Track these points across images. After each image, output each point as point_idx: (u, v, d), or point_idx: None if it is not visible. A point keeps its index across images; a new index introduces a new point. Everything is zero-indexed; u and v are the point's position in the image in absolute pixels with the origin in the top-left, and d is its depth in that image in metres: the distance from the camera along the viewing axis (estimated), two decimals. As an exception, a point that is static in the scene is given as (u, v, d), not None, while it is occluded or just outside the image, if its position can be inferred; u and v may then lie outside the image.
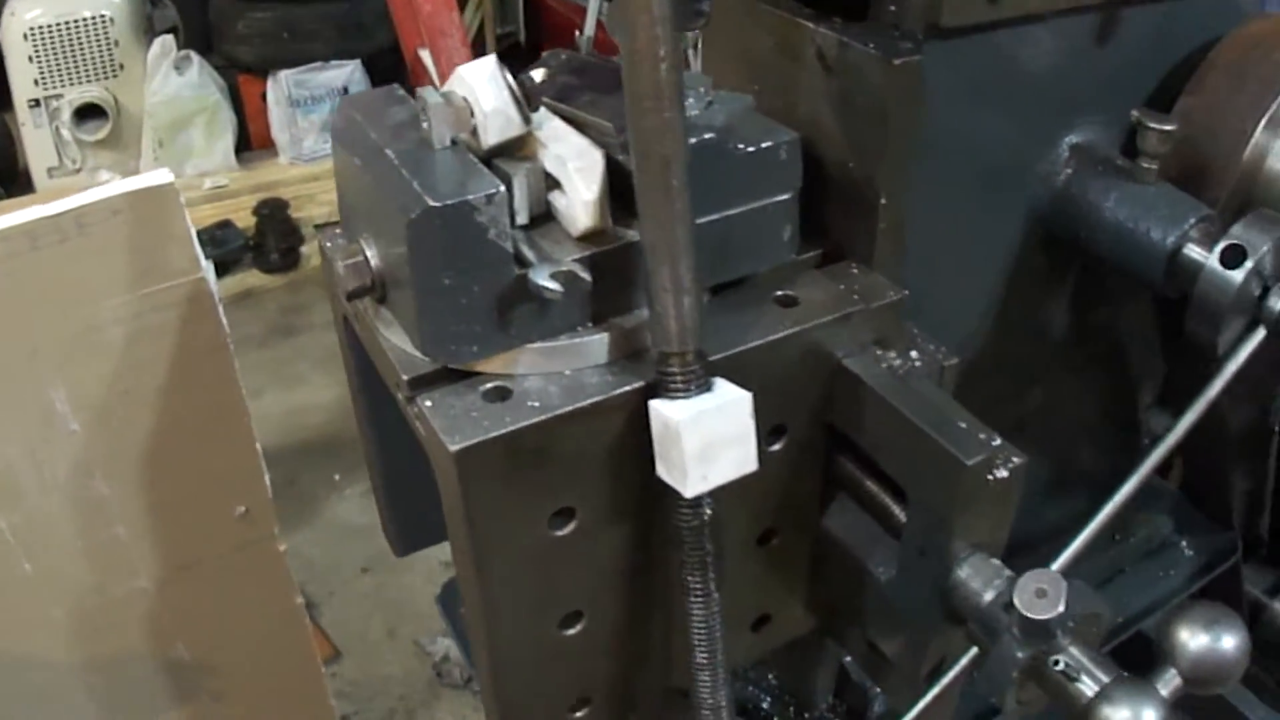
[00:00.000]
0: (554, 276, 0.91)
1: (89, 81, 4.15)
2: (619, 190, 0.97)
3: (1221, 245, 1.12)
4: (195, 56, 4.17)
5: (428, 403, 0.95)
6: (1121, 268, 1.22)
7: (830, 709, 1.50)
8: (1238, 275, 1.11)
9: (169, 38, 4.18)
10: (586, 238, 0.98)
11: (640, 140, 0.87)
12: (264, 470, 1.65)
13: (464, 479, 0.92)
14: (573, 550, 1.01)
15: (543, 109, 1.02)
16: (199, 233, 4.02)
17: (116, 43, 4.14)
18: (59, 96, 4.11)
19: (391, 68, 4.38)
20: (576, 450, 0.96)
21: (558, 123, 1.01)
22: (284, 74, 4.33)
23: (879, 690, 1.42)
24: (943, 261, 1.22)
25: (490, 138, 0.97)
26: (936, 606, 1.06)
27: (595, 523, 1.01)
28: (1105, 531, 1.73)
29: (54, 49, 4.06)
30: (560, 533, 1.00)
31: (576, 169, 0.95)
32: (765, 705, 1.51)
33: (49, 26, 4.09)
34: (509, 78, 0.97)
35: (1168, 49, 1.28)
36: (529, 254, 0.95)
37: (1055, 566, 1.15)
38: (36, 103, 4.10)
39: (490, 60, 0.97)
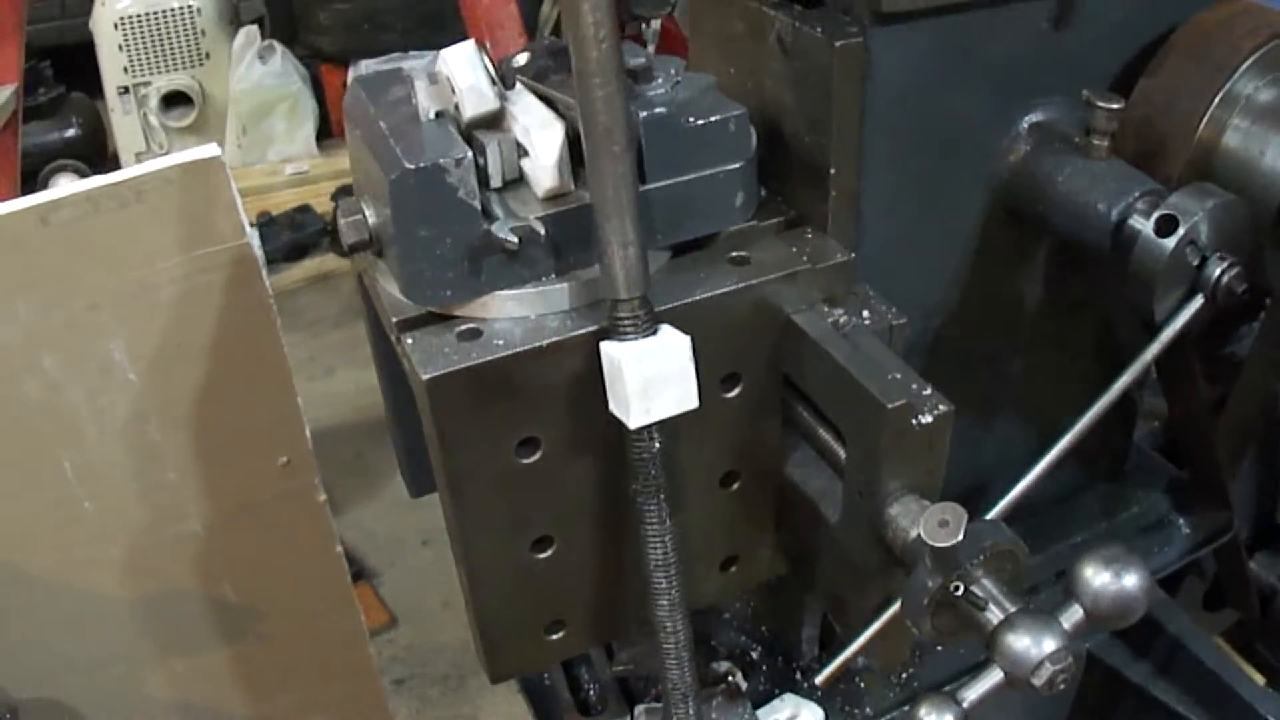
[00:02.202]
0: (513, 230, 1.04)
1: (176, 70, 4.34)
2: (583, 157, 1.08)
3: (1156, 214, 1.19)
4: (279, 46, 4.34)
5: (409, 340, 1.09)
6: (1074, 239, 1.29)
7: (816, 659, 1.59)
8: (1169, 243, 1.18)
9: (254, 28, 4.36)
10: (551, 199, 1.10)
11: (586, 111, 0.99)
12: (305, 424, 1.78)
13: (435, 406, 1.05)
14: (539, 477, 1.14)
15: (520, 87, 1.14)
16: (279, 217, 4.22)
17: (203, 32, 4.33)
18: (147, 84, 4.32)
19: (467, 59, 4.51)
20: (538, 385, 1.08)
21: (530, 99, 1.13)
22: (364, 63, 4.44)
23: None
24: (905, 231, 1.31)
25: (467, 111, 1.10)
26: (875, 545, 1.16)
27: (559, 453, 1.13)
28: (1099, 508, 1.81)
29: (143, 38, 4.26)
30: (527, 460, 1.12)
31: (539, 137, 1.07)
32: (755, 655, 1.61)
33: (139, 16, 4.30)
34: (486, 60, 1.10)
35: (1132, 33, 1.35)
36: (498, 211, 1.08)
37: (993, 513, 1.23)
38: (125, 90, 4.30)
39: (469, 44, 1.10)
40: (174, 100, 4.43)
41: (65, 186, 1.53)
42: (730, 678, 1.50)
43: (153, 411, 1.68)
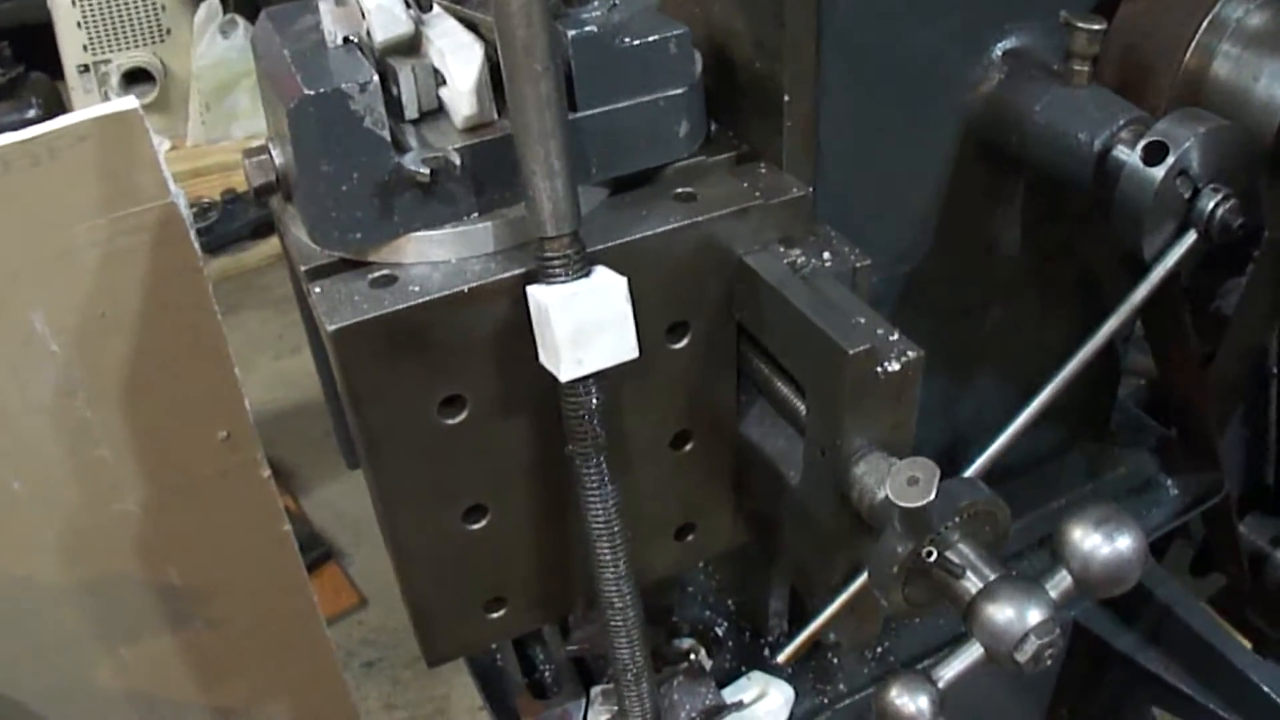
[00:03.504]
0: (425, 161, 0.93)
1: (137, 47, 4.24)
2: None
3: (1143, 141, 1.09)
4: (241, 21, 4.24)
5: (317, 289, 0.98)
6: (1053, 173, 1.19)
7: (785, 634, 1.50)
8: (1158, 172, 1.08)
9: (214, 2, 4.25)
10: (471, 130, 0.99)
11: (503, 25, 0.88)
12: (244, 395, 1.69)
13: (345, 360, 0.95)
14: (467, 439, 1.03)
15: (438, 9, 1.04)
16: (243, 194, 4.10)
17: (163, 8, 4.23)
18: (107, 62, 4.21)
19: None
20: (460, 336, 0.98)
21: (450, 21, 1.03)
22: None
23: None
24: (869, 169, 1.20)
25: (378, 35, 0.99)
26: (840, 508, 1.06)
27: (487, 412, 1.03)
28: (1084, 468, 1.72)
29: (102, 15, 4.16)
30: (451, 421, 1.02)
31: (455, 60, 0.97)
32: (720, 631, 1.51)
33: (97, -8, 4.18)
34: (400, -22, 0.99)
35: (1112, -47, 1.25)
36: (413, 144, 0.97)
37: (970, 471, 1.14)
38: (86, 68, 4.20)
39: (379, -39, 0.99)
40: (135, 78, 4.33)
41: (-32, 148, 1.43)
42: (693, 655, 1.41)
43: (80, 385, 1.59)
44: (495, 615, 1.17)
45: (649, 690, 1.16)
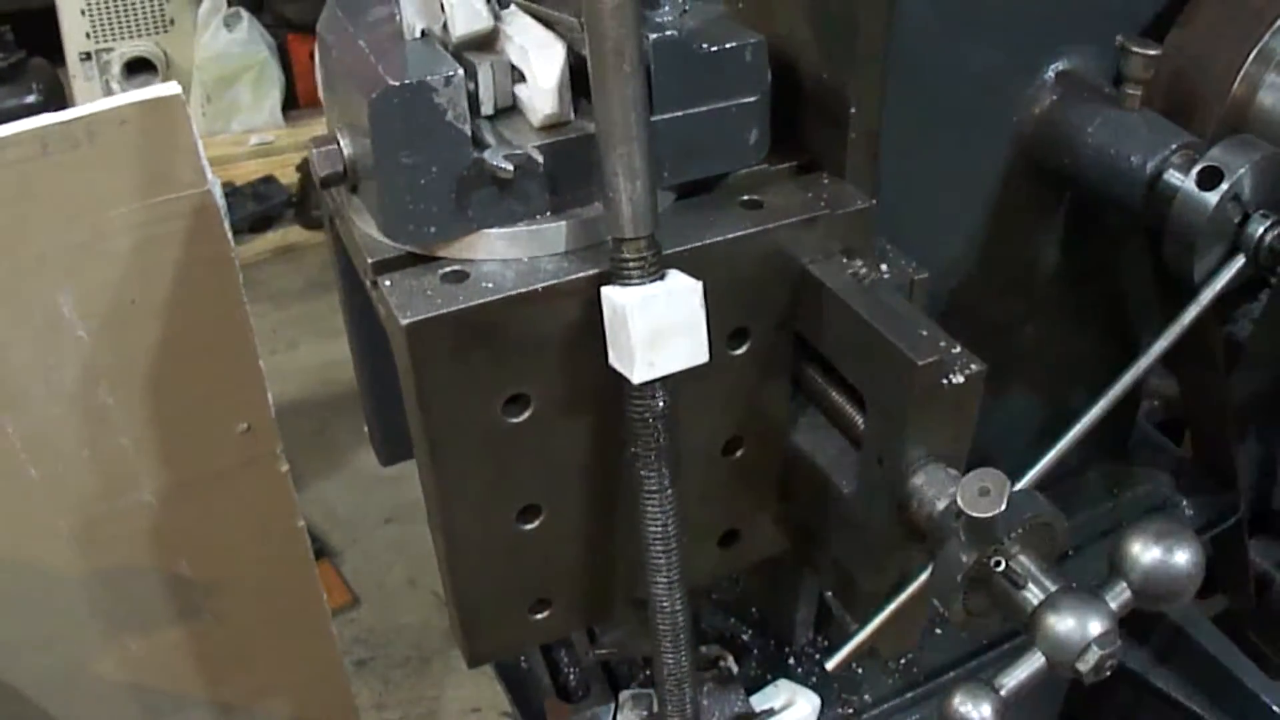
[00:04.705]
0: (508, 157, 0.93)
1: (140, 36, 4.22)
2: (584, 87, 0.98)
3: (1198, 167, 1.11)
4: (245, 14, 4.23)
5: (387, 282, 0.98)
6: (1103, 194, 1.21)
7: (810, 643, 1.50)
8: (1213, 197, 1.10)
9: (220, -7, 4.25)
10: (548, 128, 0.99)
11: (593, 24, 0.88)
12: (267, 388, 1.68)
13: (415, 355, 0.94)
14: (528, 439, 1.03)
15: (514, 7, 1.04)
16: (243, 188, 4.11)
17: (168, -2, 4.23)
18: (110, 50, 4.19)
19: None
20: (529, 335, 0.98)
21: (526, 19, 1.03)
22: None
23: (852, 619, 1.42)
24: (923, 181, 1.22)
25: (458, 29, 0.99)
26: (894, 517, 1.06)
27: (550, 412, 1.03)
28: (1103, 486, 1.73)
29: (106, 3, 4.14)
30: (515, 420, 1.02)
31: (537, 58, 0.97)
32: (746, 638, 1.52)
33: (101, -20, 4.16)
34: (480, -27, 0.99)
35: (1164, -20, 1.27)
36: (490, 140, 0.97)
37: (1023, 484, 1.14)
38: (88, 56, 4.18)
39: (460, -46, 0.99)
40: (137, 67, 4.31)
41: (10, 125, 1.42)
42: (721, 662, 1.41)
43: (104, 372, 1.57)
44: (539, 616, 1.16)
45: (691, 697, 1.16)
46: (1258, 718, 1.59)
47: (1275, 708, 1.59)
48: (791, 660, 1.48)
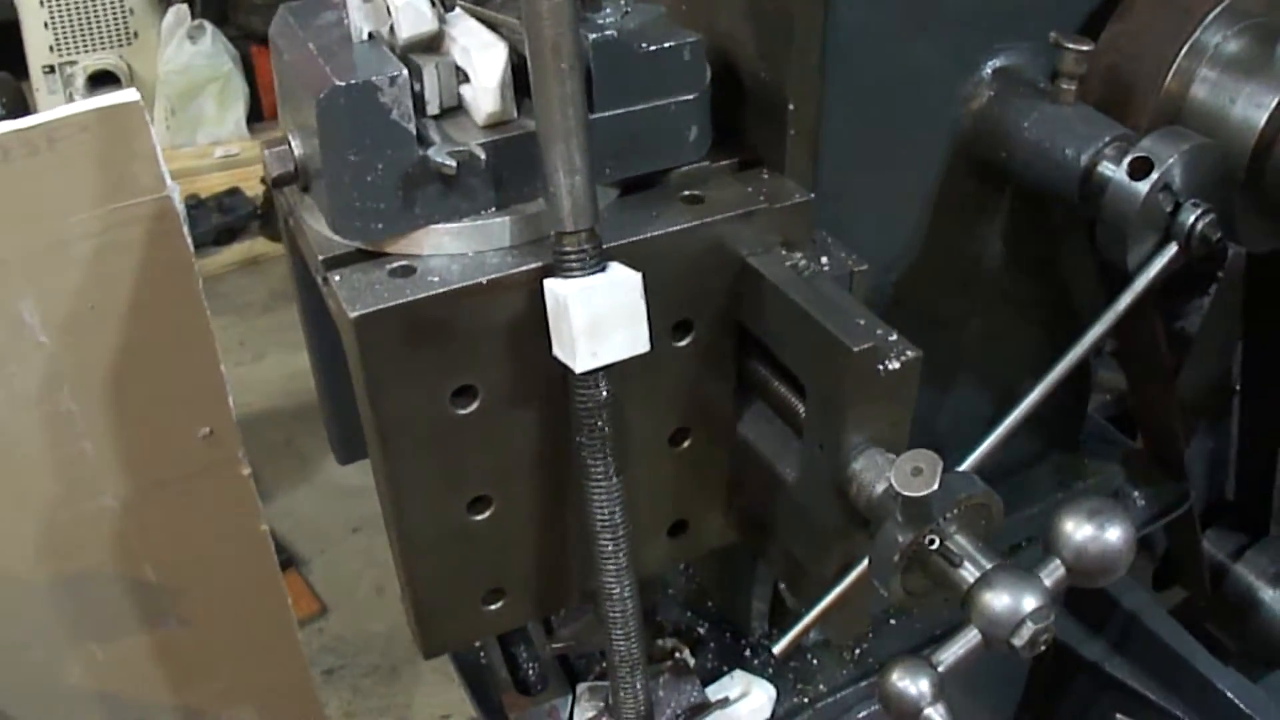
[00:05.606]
0: (451, 154, 0.96)
1: (103, 49, 4.23)
2: (527, 85, 1.00)
3: (1129, 157, 1.14)
4: (209, 26, 4.24)
5: (337, 278, 1.00)
6: (1041, 187, 1.24)
7: (766, 635, 1.52)
8: (1143, 186, 1.13)
9: (183, 7, 4.25)
10: (492, 126, 1.02)
11: (532, 24, 0.91)
12: (228, 393, 1.69)
13: (364, 347, 0.96)
14: (477, 430, 1.05)
15: (459, 9, 1.06)
16: (207, 200, 4.11)
17: (131, 10, 4.23)
18: (73, 63, 4.20)
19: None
20: (476, 328, 1.00)
21: (471, 21, 1.06)
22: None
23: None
24: (865, 176, 1.24)
25: (404, 32, 1.02)
26: (836, 503, 1.09)
27: (498, 403, 1.05)
28: (1054, 479, 1.76)
29: (69, 16, 4.14)
30: (463, 411, 1.04)
31: (480, 57, 0.99)
32: (702, 631, 1.54)
33: (65, -8, 4.16)
34: (425, -23, 1.02)
35: (1097, -22, 1.30)
36: (435, 138, 1.00)
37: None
38: (51, 69, 4.18)
39: (405, -41, 1.01)
40: (101, 80, 4.32)
41: (-32, 133, 1.43)
42: (677, 654, 1.43)
43: (66, 377, 1.58)
44: (493, 607, 1.18)
45: (643, 684, 1.18)
46: (1212, 702, 1.62)
47: (1229, 693, 1.62)
48: (748, 652, 1.50)
